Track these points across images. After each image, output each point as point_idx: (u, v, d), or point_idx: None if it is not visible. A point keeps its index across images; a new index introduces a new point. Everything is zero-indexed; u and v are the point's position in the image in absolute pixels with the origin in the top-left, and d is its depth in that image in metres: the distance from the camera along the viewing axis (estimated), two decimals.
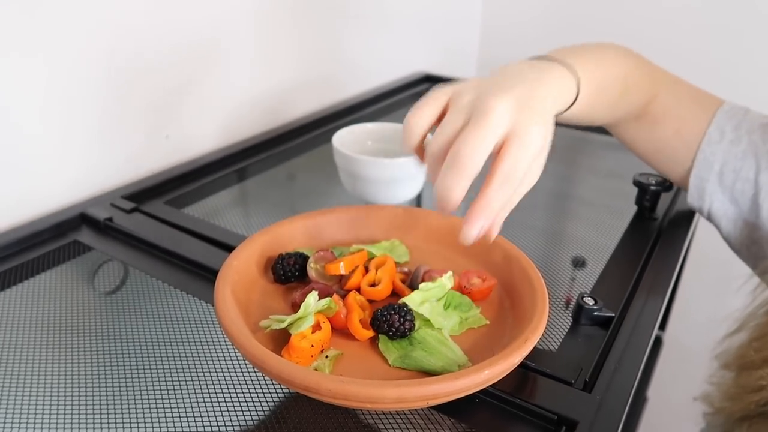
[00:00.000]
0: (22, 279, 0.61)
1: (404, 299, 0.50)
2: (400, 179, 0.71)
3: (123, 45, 0.74)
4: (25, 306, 0.57)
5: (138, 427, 0.44)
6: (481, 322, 0.51)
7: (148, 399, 0.47)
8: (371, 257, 0.57)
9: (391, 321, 0.47)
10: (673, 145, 0.66)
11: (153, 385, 0.48)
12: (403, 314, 0.48)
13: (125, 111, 0.77)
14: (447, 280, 0.52)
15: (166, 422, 0.45)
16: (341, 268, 0.54)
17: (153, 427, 0.44)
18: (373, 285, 0.53)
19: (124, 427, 0.44)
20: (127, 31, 0.74)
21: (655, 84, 0.66)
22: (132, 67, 0.76)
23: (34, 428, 0.44)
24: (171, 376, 0.49)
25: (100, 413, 0.45)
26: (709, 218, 0.67)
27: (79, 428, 0.44)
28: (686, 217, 0.74)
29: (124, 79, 0.76)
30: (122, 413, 0.45)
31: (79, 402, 0.46)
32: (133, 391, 0.48)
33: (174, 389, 0.48)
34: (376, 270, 0.55)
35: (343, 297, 0.51)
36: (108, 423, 0.45)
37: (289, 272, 0.54)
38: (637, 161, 0.72)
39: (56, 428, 0.44)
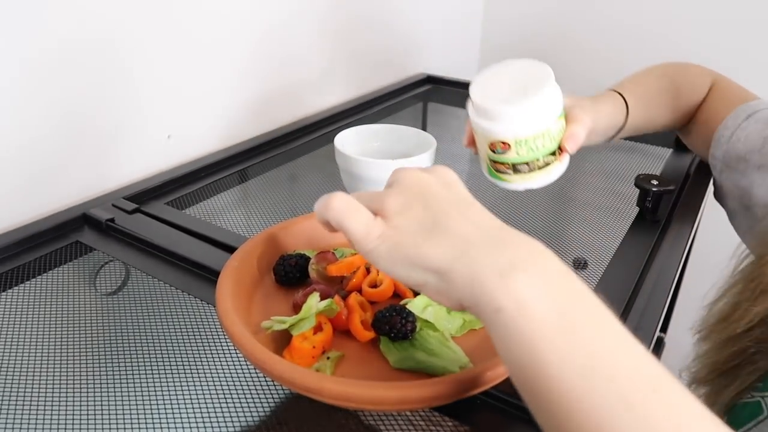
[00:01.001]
0: (24, 280, 0.61)
1: (407, 305, 0.50)
2: None
3: (124, 45, 0.75)
4: (27, 306, 0.57)
5: (140, 427, 0.44)
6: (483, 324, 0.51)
7: (150, 399, 0.47)
8: None
9: (393, 322, 0.47)
10: (705, 133, 0.77)
11: (154, 386, 0.48)
12: (404, 315, 0.47)
13: (127, 111, 0.77)
14: None
15: (167, 422, 0.45)
16: (343, 269, 0.54)
17: (155, 427, 0.44)
18: (374, 286, 0.53)
19: (125, 427, 0.44)
20: (127, 32, 0.74)
21: (706, 78, 0.77)
22: (133, 67, 0.76)
23: (35, 428, 0.44)
24: (172, 377, 0.49)
25: (102, 413, 0.45)
26: (722, 195, 0.76)
27: (80, 428, 0.44)
28: (688, 219, 0.74)
29: (125, 79, 0.76)
30: (123, 413, 0.45)
31: (81, 401, 0.46)
32: (135, 391, 0.48)
33: (175, 390, 0.48)
34: (378, 271, 0.55)
35: (345, 298, 0.51)
36: (109, 423, 0.45)
37: (291, 273, 0.54)
38: (639, 162, 0.72)
39: (57, 428, 0.44)
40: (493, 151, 0.57)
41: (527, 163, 0.57)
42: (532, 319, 0.31)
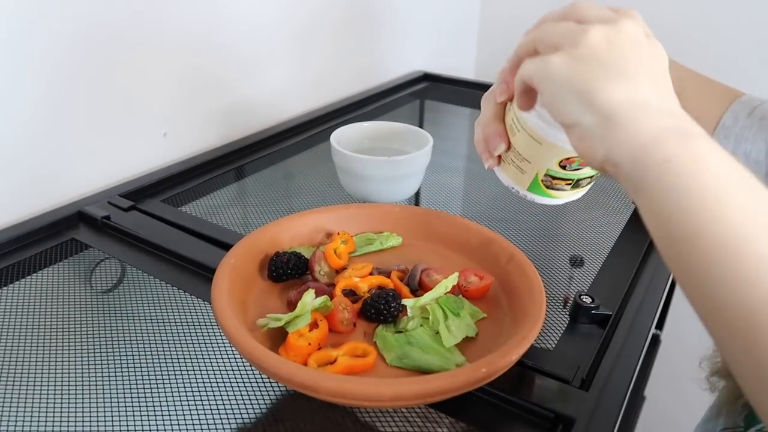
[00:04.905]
0: (20, 277, 0.61)
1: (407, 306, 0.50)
2: (397, 177, 0.71)
3: (121, 42, 0.74)
4: (22, 304, 0.57)
5: (136, 425, 0.44)
6: (479, 316, 0.51)
7: (146, 397, 0.47)
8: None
9: (378, 307, 0.49)
10: None
11: (150, 383, 0.48)
12: (389, 300, 0.49)
13: (123, 109, 0.77)
14: (450, 282, 0.52)
15: (164, 420, 0.45)
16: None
17: (151, 425, 0.44)
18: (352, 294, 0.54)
19: (121, 425, 0.44)
20: (123, 28, 0.74)
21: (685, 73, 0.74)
22: (130, 64, 0.76)
23: (31, 426, 0.44)
24: (168, 375, 0.49)
25: (97, 411, 0.45)
26: None
27: (76, 426, 0.44)
28: None
29: (121, 77, 0.76)
30: (120, 410, 0.45)
31: (77, 399, 0.46)
32: (131, 388, 0.48)
33: (172, 387, 0.48)
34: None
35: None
36: (105, 421, 0.45)
37: (280, 269, 0.54)
38: None
39: (53, 425, 0.44)
40: (563, 168, 0.48)
41: (591, 177, 0.50)
42: (709, 171, 0.30)
